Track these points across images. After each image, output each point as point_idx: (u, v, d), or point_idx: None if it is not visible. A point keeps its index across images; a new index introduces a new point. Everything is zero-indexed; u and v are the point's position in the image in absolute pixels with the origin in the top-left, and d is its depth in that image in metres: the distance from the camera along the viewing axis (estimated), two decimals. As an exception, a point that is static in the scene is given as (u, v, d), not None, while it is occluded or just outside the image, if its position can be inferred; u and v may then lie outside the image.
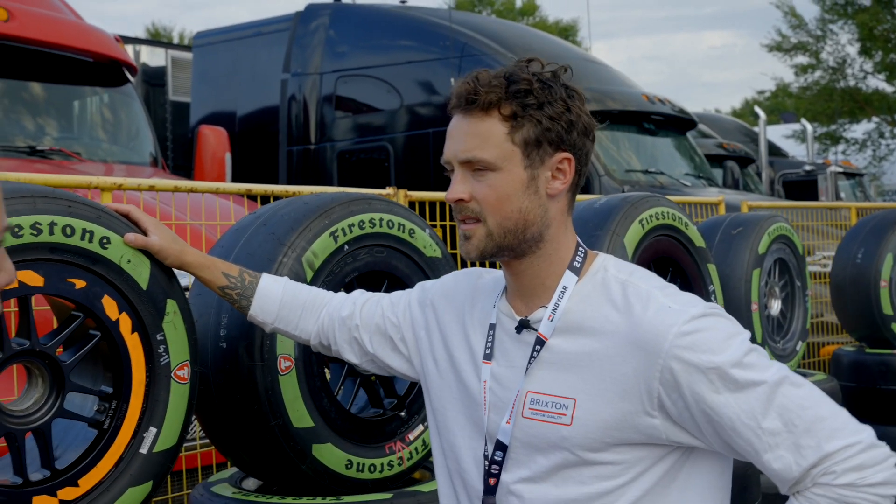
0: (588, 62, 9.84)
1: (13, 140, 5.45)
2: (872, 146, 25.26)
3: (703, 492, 1.73)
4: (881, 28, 22.97)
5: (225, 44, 10.22)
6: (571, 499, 1.69)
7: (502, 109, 1.70)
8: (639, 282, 1.75)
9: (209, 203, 4.55)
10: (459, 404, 1.86)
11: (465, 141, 1.73)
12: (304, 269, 2.55)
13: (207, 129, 6.57)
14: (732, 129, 16.65)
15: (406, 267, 2.78)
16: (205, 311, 2.55)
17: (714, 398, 1.60)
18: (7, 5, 5.47)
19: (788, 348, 4.39)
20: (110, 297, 2.19)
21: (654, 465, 1.69)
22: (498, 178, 1.71)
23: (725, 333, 1.65)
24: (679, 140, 9.54)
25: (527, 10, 33.86)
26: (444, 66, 8.71)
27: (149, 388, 2.26)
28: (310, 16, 9.62)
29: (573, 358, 1.71)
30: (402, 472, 2.74)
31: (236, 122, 9.75)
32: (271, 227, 2.63)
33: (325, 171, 9.15)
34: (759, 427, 1.58)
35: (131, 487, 2.23)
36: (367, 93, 9.25)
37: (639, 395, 1.64)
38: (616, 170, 8.22)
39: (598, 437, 1.66)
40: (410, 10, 9.69)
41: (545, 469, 1.71)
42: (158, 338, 2.26)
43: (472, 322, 1.89)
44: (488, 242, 1.73)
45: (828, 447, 1.57)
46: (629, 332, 1.67)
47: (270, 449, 2.56)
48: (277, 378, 2.50)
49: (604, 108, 8.52)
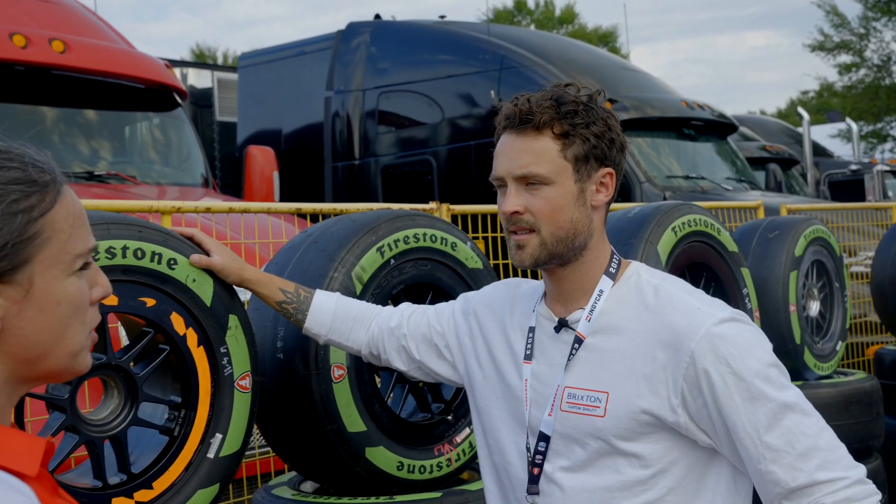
0: (626, 70, 9.85)
1: (71, 166, 5.53)
2: (921, 143, 24.92)
3: (729, 496, 1.81)
4: (927, 24, 22.70)
5: (269, 64, 10.30)
6: (608, 486, 1.77)
7: (555, 129, 1.79)
8: (670, 286, 1.85)
9: (261, 222, 4.69)
10: (503, 402, 1.95)
11: (519, 157, 1.81)
12: (354, 282, 2.60)
13: (256, 149, 6.64)
14: (776, 131, 16.52)
15: (449, 278, 2.82)
16: (263, 324, 2.60)
17: (727, 401, 1.68)
18: (63, 37, 5.57)
19: (828, 349, 4.40)
20: (178, 313, 2.26)
21: (682, 458, 1.77)
22: (552, 192, 1.80)
23: (750, 341, 1.74)
24: (720, 144, 9.49)
25: (565, 18, 33.60)
26: (484, 78, 8.73)
27: (214, 398, 2.33)
28: (351, 34, 9.69)
29: (607, 355, 1.80)
30: (450, 473, 2.77)
31: (282, 139, 9.82)
32: (322, 244, 2.68)
33: (370, 185, 9.19)
34: (759, 439, 1.67)
35: (200, 489, 2.29)
36: (408, 107, 9.30)
37: (665, 391, 1.73)
38: (657, 176, 8.19)
39: (630, 427, 1.75)
40: (449, 25, 9.72)
41: (583, 459, 1.79)
42: (222, 350, 2.33)
43: (512, 326, 1.98)
44: (542, 251, 1.82)
45: (819, 476, 1.66)
46: (659, 332, 1.76)
47: (326, 452, 2.61)
48: (331, 386, 2.56)
49: (643, 115, 8.55)
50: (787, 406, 1.69)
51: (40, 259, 1.14)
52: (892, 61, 24.54)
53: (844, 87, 25.76)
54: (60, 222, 1.17)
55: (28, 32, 5.51)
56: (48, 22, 5.93)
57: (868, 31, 24.39)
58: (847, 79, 25.40)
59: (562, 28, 32.75)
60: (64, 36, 5.65)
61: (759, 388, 1.69)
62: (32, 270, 1.14)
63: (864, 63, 24.73)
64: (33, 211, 1.14)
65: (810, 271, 4.41)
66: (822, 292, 4.51)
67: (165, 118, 6.30)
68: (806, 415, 1.71)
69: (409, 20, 10.14)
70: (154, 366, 2.28)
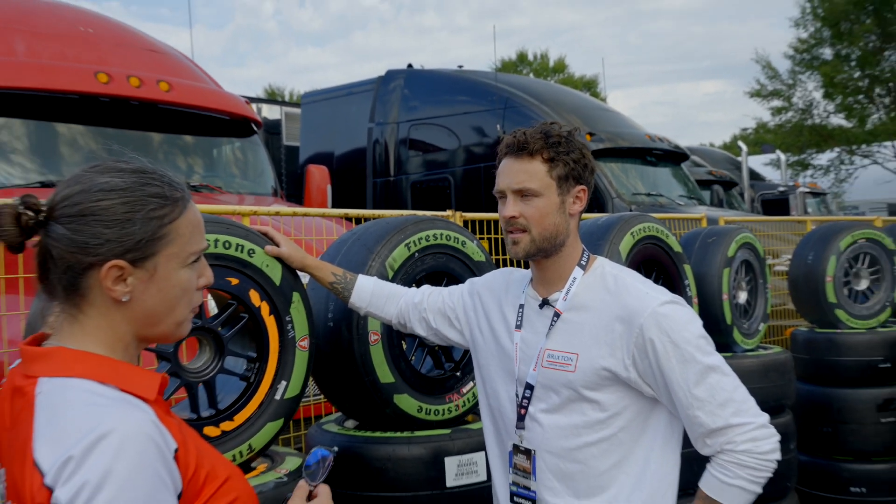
0: (603, 110, 9.83)
1: None
2: (835, 171, 24.63)
3: (666, 436, 1.85)
4: (840, 77, 22.47)
5: (325, 101, 10.30)
6: (575, 424, 1.81)
7: (544, 155, 1.83)
8: (626, 276, 1.89)
9: (317, 223, 4.75)
10: (498, 360, 1.99)
11: (517, 176, 1.84)
12: (387, 270, 2.62)
13: (314, 167, 6.63)
14: (721, 159, 16.39)
15: (459, 268, 2.83)
16: (317, 300, 2.63)
17: (666, 363, 1.73)
18: (168, 80, 5.62)
19: (753, 329, 4.41)
20: (255, 290, 2.30)
21: (631, 405, 1.81)
22: (541, 202, 1.84)
23: (685, 318, 1.77)
24: (675, 169, 9.43)
25: (558, 68, 33.38)
26: (492, 115, 8.75)
27: (281, 354, 2.36)
28: (389, 79, 9.72)
29: (578, 326, 1.84)
30: (458, 416, 2.79)
31: (334, 160, 9.83)
32: (363, 240, 2.71)
33: (402, 197, 9.20)
34: (689, 392, 1.71)
35: (269, 423, 2.33)
36: (433, 137, 9.28)
37: (621, 354, 1.78)
38: (625, 193, 8.17)
39: (593, 380, 1.79)
40: (465, 73, 9.71)
41: (557, 403, 1.83)
42: (287, 319, 2.36)
43: (506, 303, 2.02)
44: (532, 246, 1.85)
45: (733, 420, 1.70)
46: (617, 310, 1.80)
47: (364, 398, 2.66)
48: (368, 348, 2.59)
49: (615, 145, 8.53)
50: (711, 368, 1.74)
51: (164, 253, 1.21)
52: (813, 106, 24.40)
53: (776, 125, 25.55)
54: (183, 229, 1.24)
55: (141, 75, 5.57)
56: (157, 67, 5.98)
57: (795, 82, 24.22)
58: (778, 119, 25.23)
59: (554, 76, 32.56)
60: (168, 78, 5.69)
61: (690, 353, 1.73)
62: (158, 261, 1.21)
63: (791, 107, 24.56)
64: (164, 219, 1.21)
65: (740, 269, 4.42)
66: (749, 285, 4.51)
67: (245, 142, 6.31)
68: (725, 375, 1.75)
69: (434, 69, 10.13)
70: (236, 329, 2.32)
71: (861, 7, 21.63)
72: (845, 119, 23.95)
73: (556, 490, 1.84)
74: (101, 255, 1.15)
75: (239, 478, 1.23)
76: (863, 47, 22.18)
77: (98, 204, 1.17)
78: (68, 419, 1.06)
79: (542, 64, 33.45)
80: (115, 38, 6.11)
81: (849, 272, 5.16)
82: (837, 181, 24.51)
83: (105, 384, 1.13)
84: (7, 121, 5.05)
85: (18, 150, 5.07)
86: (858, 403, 4.83)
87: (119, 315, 1.20)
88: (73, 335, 1.19)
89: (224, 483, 1.17)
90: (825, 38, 23.02)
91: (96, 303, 1.19)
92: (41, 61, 5.35)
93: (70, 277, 1.17)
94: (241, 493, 1.19)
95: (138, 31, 6.55)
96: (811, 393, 4.96)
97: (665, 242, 3.40)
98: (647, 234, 3.28)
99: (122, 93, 5.39)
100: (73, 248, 1.15)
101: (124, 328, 1.21)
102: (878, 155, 24.04)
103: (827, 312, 5.04)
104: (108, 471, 1.00)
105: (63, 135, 5.31)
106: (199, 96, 5.88)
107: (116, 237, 1.16)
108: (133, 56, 5.98)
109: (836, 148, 24.44)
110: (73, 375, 1.13)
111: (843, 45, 22.46)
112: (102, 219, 1.16)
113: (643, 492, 1.80)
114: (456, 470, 2.58)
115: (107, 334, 1.20)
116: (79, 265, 1.16)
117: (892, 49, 22.25)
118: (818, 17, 22.80)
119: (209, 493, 1.13)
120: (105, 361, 1.17)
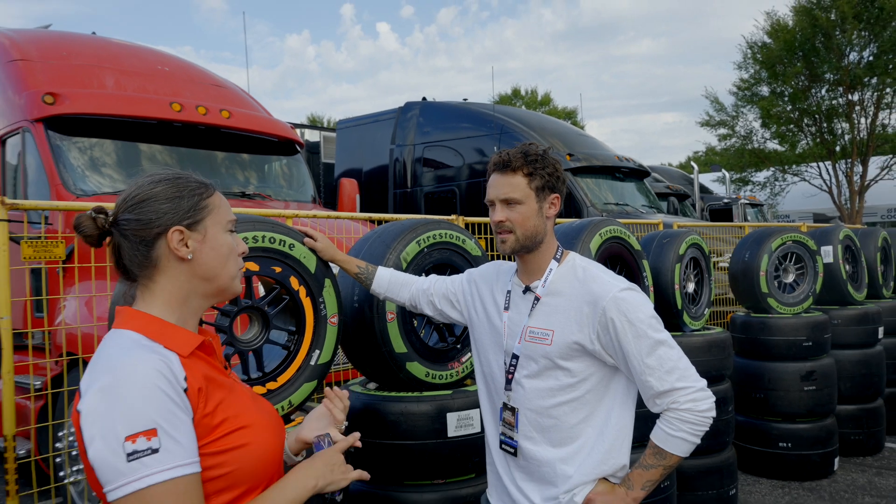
0: (581, 135, 9.79)
1: (232, 188, 5.58)
2: (770, 186, 24.49)
3: (624, 397, 1.84)
4: (775, 110, 22.31)
5: (355, 126, 10.26)
6: (550, 387, 1.81)
7: (524, 170, 1.82)
8: (592, 268, 1.87)
9: (347, 225, 4.77)
10: (490, 336, 1.98)
11: (503, 188, 1.84)
12: (402, 262, 2.62)
13: (345, 180, 6.64)
14: (677, 176, 16.29)
15: (460, 261, 2.82)
16: (346, 286, 2.65)
17: (623, 338, 1.72)
18: (229, 109, 5.68)
19: (699, 313, 4.38)
20: (294, 277, 2.31)
21: (596, 372, 1.80)
22: (523, 208, 1.83)
23: (639, 302, 1.76)
24: (639, 184, 9.38)
25: (544, 101, 33.18)
26: (490, 139, 8.72)
27: (315, 328, 2.37)
28: (407, 109, 9.69)
29: (554, 308, 1.83)
30: (459, 380, 2.80)
31: (362, 175, 9.81)
32: (383, 238, 2.70)
33: (417, 205, 9.17)
34: (642, 361, 1.71)
35: (305, 383, 2.35)
36: (442, 156, 9.25)
37: (588, 330, 1.77)
38: (598, 203, 8.12)
39: (566, 352, 1.79)
40: (469, 105, 9.66)
41: (536, 370, 1.83)
42: (320, 300, 2.37)
43: (497, 289, 2.00)
44: (516, 244, 1.85)
45: (677, 384, 1.70)
46: (585, 295, 1.79)
47: (383, 365, 2.65)
48: (386, 324, 2.59)
49: (590, 164, 8.48)
50: (660, 342, 1.73)
51: (210, 219, 1.26)
52: (752, 133, 24.24)
53: (722, 149, 25.36)
54: (218, 202, 1.29)
55: (207, 105, 5.60)
56: (220, 99, 6.03)
57: (738, 114, 24.04)
58: (724, 144, 25.06)
59: (542, 107, 32.47)
60: (229, 107, 5.73)
61: (643, 330, 1.72)
62: (206, 225, 1.25)
63: (734, 134, 24.40)
64: (203, 195, 1.27)
65: (689, 264, 4.39)
66: (696, 277, 4.48)
67: (290, 160, 6.32)
68: (671, 348, 1.74)
69: (443, 101, 10.13)
70: (279, 308, 2.33)
71: (793, 53, 21.46)
72: (779, 144, 23.79)
73: (536, 440, 1.84)
74: (163, 224, 1.22)
75: (261, 429, 1.21)
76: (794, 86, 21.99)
77: (152, 191, 1.24)
78: (105, 355, 1.12)
79: (532, 97, 33.36)
80: (186, 74, 6.15)
81: (779, 268, 5.13)
82: (772, 195, 24.36)
83: (147, 337, 1.15)
84: (99, 141, 5.09)
85: (108, 164, 5.11)
86: (786, 374, 4.80)
87: (185, 275, 1.24)
88: (144, 300, 1.23)
89: (240, 429, 1.17)
90: (763, 78, 22.82)
91: (166, 268, 1.23)
92: (127, 93, 5.39)
93: (143, 251, 1.22)
94: (253, 441, 1.18)
95: (205, 70, 6.59)
96: (747, 366, 4.93)
97: (627, 242, 3.37)
98: (612, 235, 3.26)
99: (192, 119, 5.44)
100: (141, 225, 1.21)
101: (189, 286, 1.24)
102: (805, 173, 23.87)
103: (760, 300, 5.01)
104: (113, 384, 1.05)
105: (144, 153, 5.34)
106: (253, 122, 5.90)
107: (172, 210, 1.23)
108: (201, 90, 6.02)
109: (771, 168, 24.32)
110: (126, 328, 1.17)
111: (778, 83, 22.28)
112: (158, 199, 1.23)
113: (605, 442, 1.80)
114: (456, 423, 2.58)
115: (170, 297, 1.23)
116: (148, 237, 1.21)
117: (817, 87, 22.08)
118: (757, 61, 22.62)
119: (221, 433, 1.14)
120: (154, 321, 1.20)
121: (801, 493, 4.60)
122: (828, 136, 22.19)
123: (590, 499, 1.77)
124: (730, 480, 4.16)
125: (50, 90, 4.94)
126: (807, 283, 5.14)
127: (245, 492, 1.17)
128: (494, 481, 1.96)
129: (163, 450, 1.02)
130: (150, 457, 1.01)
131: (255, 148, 5.99)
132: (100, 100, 5.11)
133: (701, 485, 4.06)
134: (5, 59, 5.41)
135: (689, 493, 4.04)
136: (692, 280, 4.43)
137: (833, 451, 4.89)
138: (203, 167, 5.58)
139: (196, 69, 6.45)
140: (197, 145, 5.58)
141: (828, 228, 5.78)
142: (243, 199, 5.56)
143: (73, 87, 5.15)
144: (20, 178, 5.04)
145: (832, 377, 4.92)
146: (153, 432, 1.02)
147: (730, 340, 4.25)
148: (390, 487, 2.57)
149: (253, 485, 1.18)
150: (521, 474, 1.87)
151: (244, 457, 1.15)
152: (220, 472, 1.12)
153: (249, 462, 1.16)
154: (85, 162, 4.98)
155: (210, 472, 1.11)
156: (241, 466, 1.15)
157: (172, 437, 1.03)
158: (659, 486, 3.36)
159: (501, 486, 1.92)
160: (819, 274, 5.17)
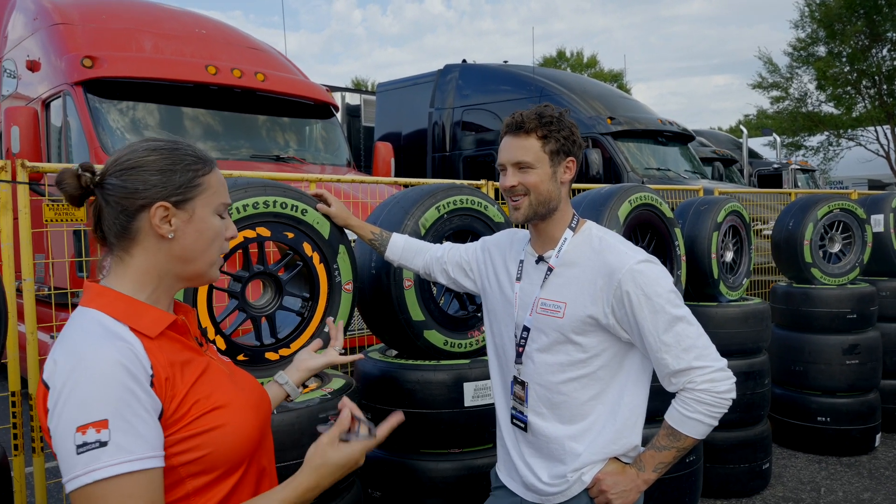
0: (623, 98, 9.49)
1: (269, 151, 5.59)
2: (823, 151, 23.51)
3: (638, 375, 1.74)
4: (832, 71, 21.24)
5: (395, 90, 10.18)
6: (560, 362, 1.73)
7: (538, 133, 1.72)
8: (609, 237, 1.77)
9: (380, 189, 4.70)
10: (502, 306, 1.90)
11: (515, 151, 1.74)
12: (420, 228, 2.56)
13: (381, 143, 6.58)
14: (725, 141, 15.75)
15: (482, 228, 2.74)
16: (363, 253, 2.61)
17: (639, 312, 1.62)
18: (264, 71, 5.66)
19: (737, 283, 4.20)
20: (308, 243, 2.25)
21: (609, 347, 1.71)
22: (536, 173, 1.73)
23: (657, 275, 1.65)
24: (683, 148, 9.09)
25: (590, 63, 32.28)
26: (530, 102, 8.48)
27: (329, 295, 2.33)
28: (446, 72, 9.56)
29: (567, 279, 1.74)
30: (477, 349, 2.74)
31: (401, 138, 9.75)
32: (401, 203, 2.64)
33: (455, 169, 9.07)
34: (658, 338, 1.61)
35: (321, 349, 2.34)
36: (481, 119, 9.12)
37: (602, 303, 1.67)
38: (639, 168, 7.90)
39: (579, 326, 1.69)
40: (509, 67, 9.48)
41: (547, 343, 1.75)
42: (334, 266, 2.32)
43: (510, 258, 1.92)
44: (529, 210, 1.75)
45: (695, 363, 1.60)
46: (600, 266, 1.69)
47: (400, 332, 2.61)
48: (403, 291, 2.54)
49: (632, 128, 8.24)
50: (678, 318, 1.62)
51: (200, 200, 1.17)
52: (807, 96, 23.17)
53: (774, 112, 24.39)
54: (213, 182, 1.20)
55: (243, 68, 5.58)
56: (256, 62, 6.00)
57: (792, 76, 22.99)
58: (776, 107, 24.07)
59: (587, 70, 31.61)
60: (265, 70, 5.71)
61: (661, 305, 1.62)
62: (195, 205, 1.17)
63: (788, 97, 23.38)
64: (199, 171, 1.18)
65: (728, 232, 4.20)
66: (735, 246, 4.29)
67: (326, 123, 6.29)
68: (690, 324, 1.64)
69: (484, 63, 9.95)
70: (293, 274, 2.28)
71: (853, 10, 20.27)
72: (835, 107, 22.72)
73: (545, 416, 1.77)
74: (149, 197, 1.13)
75: (238, 409, 1.15)
76: (853, 45, 20.85)
77: (145, 158, 1.15)
78: (69, 338, 1.06)
79: (578, 60, 32.48)
80: (223, 37, 6.12)
81: (824, 237, 4.88)
82: (826, 160, 23.38)
83: (113, 318, 1.08)
84: (136, 104, 5.11)
85: (147, 126, 5.14)
86: (827, 347, 4.59)
87: (162, 254, 1.16)
88: (116, 273, 1.16)
89: (213, 410, 1.10)
90: (820, 38, 21.70)
91: (144, 243, 1.15)
92: (163, 56, 5.38)
93: (123, 220, 1.14)
94: (230, 422, 1.11)
95: (242, 32, 6.55)
96: (787, 337, 4.74)
97: (658, 209, 3.22)
98: (642, 202, 3.11)
99: (227, 82, 5.42)
100: (126, 193, 1.13)
101: (164, 266, 1.16)
102: (861, 138, 22.78)
103: (803, 270, 4.79)
104: (72, 371, 1.00)
105: (182, 115, 5.36)
106: (288, 85, 5.86)
107: (161, 183, 1.14)
108: (237, 53, 5.99)
109: (825, 132, 23.28)
110: (92, 307, 1.10)
111: (836, 43, 21.14)
112: (149, 169, 1.14)
113: (617, 420, 1.72)
114: (473, 393, 2.53)
115: (143, 274, 1.16)
116: (131, 207, 1.13)
117: (878, 47, 20.87)
118: (815, 20, 21.48)
119: (193, 416, 1.07)
120: (121, 299, 1.12)
121: (839, 468, 4.42)
122: (888, 98, 21.03)
123: (598, 478, 1.70)
124: (763, 454, 4.02)
125: (89, 53, 4.97)
126: (854, 253, 4.89)
127: (222, 474, 1.11)
128: (503, 456, 1.91)
129: (112, 443, 0.96)
130: (98, 450, 0.96)
131: (290, 111, 5.94)
132: (137, 63, 5.12)
133: (732, 458, 3.93)
134: (48, 23, 5.45)
135: (720, 466, 3.92)
136: (731, 249, 4.25)
137: (875, 427, 4.68)
138: (238, 130, 5.59)
139: (234, 32, 6.41)
140: (233, 108, 5.57)
141: (879, 196, 5.45)
142: (278, 162, 5.54)
143: (112, 51, 5.16)
144: (63, 140, 5.11)
145: (877, 351, 4.69)
146: (104, 424, 0.96)
147: (768, 312, 4.07)
148: (406, 455, 2.55)
149: (231, 466, 1.12)
150: (530, 450, 1.81)
151: (219, 439, 1.09)
152: (194, 455, 1.07)
153: (226, 444, 1.10)
154: (124, 124, 5.02)
155: (183, 457, 1.06)
156: (217, 449, 1.09)
157: (125, 431, 0.98)
158: (683, 459, 3.26)
159: (510, 461, 1.86)
160: (868, 244, 4.91)
